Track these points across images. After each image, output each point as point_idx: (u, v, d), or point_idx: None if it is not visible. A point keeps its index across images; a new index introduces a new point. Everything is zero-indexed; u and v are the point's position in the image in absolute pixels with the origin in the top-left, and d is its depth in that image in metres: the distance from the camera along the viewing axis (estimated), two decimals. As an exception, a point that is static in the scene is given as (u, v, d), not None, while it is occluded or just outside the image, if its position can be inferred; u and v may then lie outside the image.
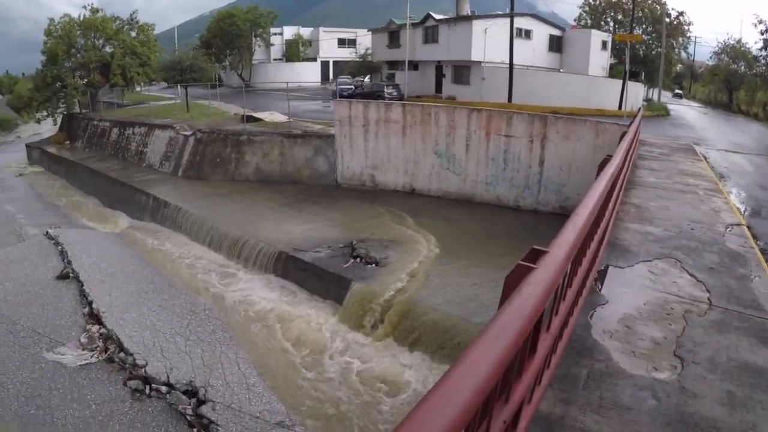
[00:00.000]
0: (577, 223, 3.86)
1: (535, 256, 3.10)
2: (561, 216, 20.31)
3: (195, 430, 12.21)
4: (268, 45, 72.16)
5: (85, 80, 54.99)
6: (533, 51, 47.13)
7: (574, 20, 73.28)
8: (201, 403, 12.86)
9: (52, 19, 53.93)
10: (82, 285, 18.86)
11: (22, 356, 15.37)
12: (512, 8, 42.35)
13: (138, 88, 69.05)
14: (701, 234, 9.28)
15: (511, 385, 2.80)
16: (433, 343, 14.07)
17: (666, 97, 64.44)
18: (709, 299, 6.43)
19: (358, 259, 18.42)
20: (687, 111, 58.01)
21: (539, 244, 3.23)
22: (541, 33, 49.08)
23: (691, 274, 7.22)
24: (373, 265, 17.93)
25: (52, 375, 14.47)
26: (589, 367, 4.72)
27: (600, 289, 6.51)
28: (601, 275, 6.94)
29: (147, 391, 13.50)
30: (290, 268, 19.33)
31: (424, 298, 15.49)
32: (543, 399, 4.06)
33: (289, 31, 79.21)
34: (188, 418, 12.49)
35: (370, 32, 60.68)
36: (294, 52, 76.56)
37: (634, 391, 4.41)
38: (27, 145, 56.13)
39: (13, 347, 15.82)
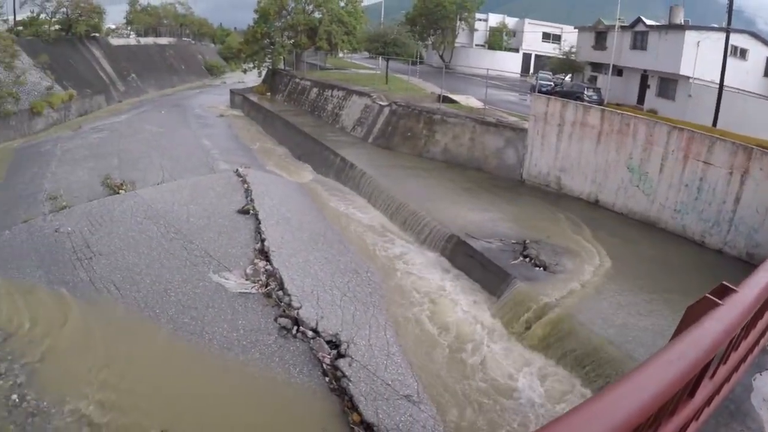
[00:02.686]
0: (773, 269, 3.58)
1: (722, 292, 3.00)
2: (746, 264, 18.62)
3: (327, 379, 12.96)
4: (471, 30, 72.69)
5: (292, 41, 59.63)
6: (747, 73, 42.80)
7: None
8: (340, 356, 13.62)
9: (266, -19, 58.52)
10: (259, 223, 20.57)
11: (190, 272, 17.22)
12: (729, 22, 38.72)
13: (341, 55, 72.85)
14: None
15: (661, 422, 2.70)
16: (581, 364, 13.61)
17: None
18: None
19: (527, 259, 18.17)
20: None
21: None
22: (759, 54, 44.36)
23: None
24: (541, 268, 17.60)
25: (212, 294, 16.09)
26: (737, 432, 4.40)
27: (773, 352, 5.95)
28: (779, 337, 6.32)
29: (294, 331, 14.53)
30: (458, 252, 19.62)
31: (583, 314, 14.97)
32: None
33: (494, 19, 78.72)
34: (324, 366, 13.29)
35: (576, 29, 58.80)
36: (497, 40, 76.03)
37: (776, 473, 4.06)
38: (231, 91, 62.01)
39: (185, 262, 17.72)
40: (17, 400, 12.12)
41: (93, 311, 15.48)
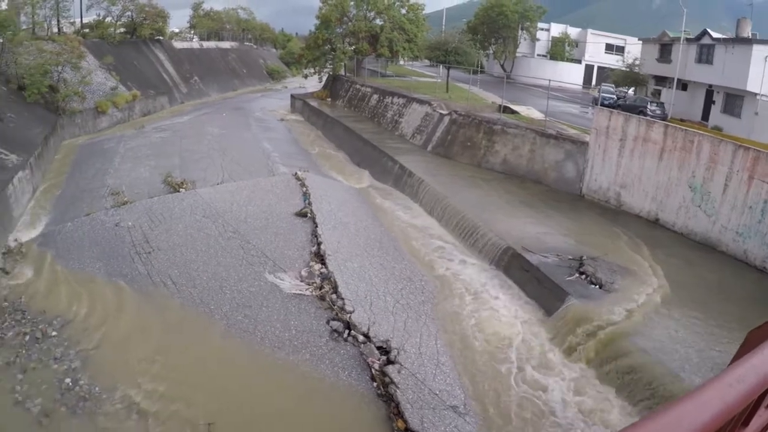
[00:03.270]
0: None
1: (785, 319, 2.99)
2: (808, 293, 17.93)
3: (375, 384, 13.17)
4: (533, 39, 72.18)
5: (353, 47, 60.30)
6: (817, 91, 41.13)
7: None
8: (389, 362, 13.79)
9: (329, -13, 59.72)
10: (316, 226, 20.98)
11: (246, 271, 17.74)
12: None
13: (401, 62, 73.20)
14: None
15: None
16: (631, 387, 13.38)
17: None
18: None
19: (583, 276, 17.89)
20: None
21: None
22: (830, 71, 42.51)
23: None
24: (597, 286, 17.30)
25: (267, 294, 16.54)
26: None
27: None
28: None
29: (345, 335, 14.81)
30: (513, 265, 19.55)
31: (638, 336, 14.70)
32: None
33: (556, 29, 77.70)
34: (373, 371, 13.50)
35: (640, 41, 57.57)
36: (559, 50, 75.09)
37: None
38: (292, 96, 63.14)
39: (241, 261, 18.26)
40: (70, 383, 12.80)
41: (149, 304, 16.17)
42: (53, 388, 12.66)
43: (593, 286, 17.27)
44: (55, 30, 52.61)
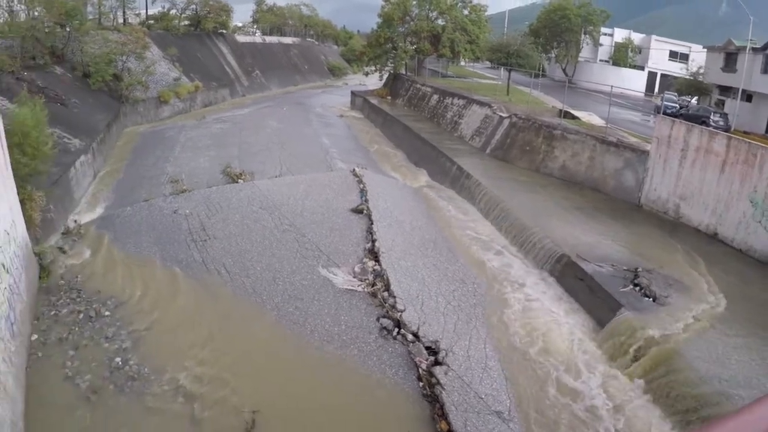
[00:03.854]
0: None
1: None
2: None
3: (421, 384, 13.19)
4: (596, 44, 70.70)
5: (415, 46, 60.57)
6: None
7: None
8: (437, 363, 13.79)
9: (392, -14, 60.23)
10: (372, 223, 21.21)
11: (299, 263, 18.04)
12: None
13: (462, 63, 73.00)
14: None
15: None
16: (680, 406, 13.02)
17: None
18: None
19: (637, 288, 17.53)
20: None
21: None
22: None
23: None
24: (651, 299, 16.92)
25: (319, 288, 16.77)
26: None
27: None
28: None
29: (395, 333, 14.89)
30: (567, 273, 19.32)
31: (690, 353, 14.28)
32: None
33: (619, 34, 75.90)
34: (420, 371, 13.53)
35: (705, 49, 55.95)
36: (622, 56, 73.44)
37: None
38: (352, 92, 63.99)
39: (295, 254, 18.58)
40: (120, 363, 13.27)
41: (202, 290, 16.58)
42: (103, 366, 13.13)
43: (647, 298, 16.94)
44: (121, 21, 54.37)
